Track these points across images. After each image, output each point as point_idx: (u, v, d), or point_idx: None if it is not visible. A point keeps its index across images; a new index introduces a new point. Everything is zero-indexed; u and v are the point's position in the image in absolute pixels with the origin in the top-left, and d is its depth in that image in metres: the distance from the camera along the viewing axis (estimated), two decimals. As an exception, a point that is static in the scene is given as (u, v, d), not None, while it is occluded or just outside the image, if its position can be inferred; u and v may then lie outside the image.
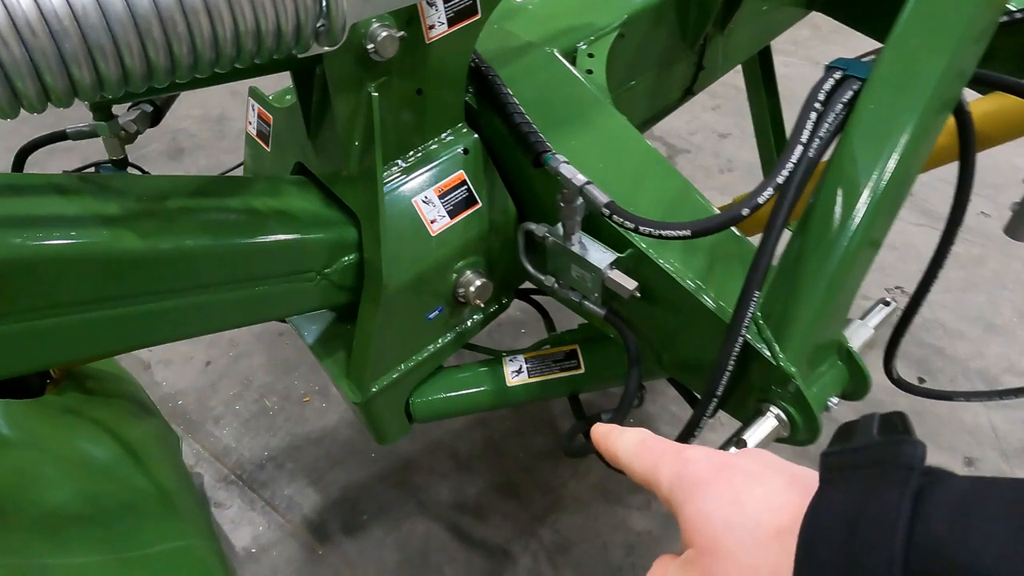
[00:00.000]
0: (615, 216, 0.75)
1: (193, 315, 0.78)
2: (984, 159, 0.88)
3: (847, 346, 0.83)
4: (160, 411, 1.39)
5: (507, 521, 1.45)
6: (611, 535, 1.43)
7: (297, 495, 1.49)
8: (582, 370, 1.09)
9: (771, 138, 1.81)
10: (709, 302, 0.82)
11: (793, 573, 0.27)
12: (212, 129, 2.68)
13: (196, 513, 1.11)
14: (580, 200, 0.82)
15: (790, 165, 0.71)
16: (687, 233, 0.71)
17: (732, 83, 1.82)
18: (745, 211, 0.69)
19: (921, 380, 1.79)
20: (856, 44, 1.03)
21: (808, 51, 3.06)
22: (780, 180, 0.70)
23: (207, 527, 1.11)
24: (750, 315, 0.75)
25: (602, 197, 0.77)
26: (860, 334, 0.89)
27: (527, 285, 1.12)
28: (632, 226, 0.74)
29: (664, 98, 1.32)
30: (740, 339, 0.76)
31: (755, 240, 0.92)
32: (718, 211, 0.91)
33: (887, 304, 0.94)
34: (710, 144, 2.65)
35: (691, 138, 2.67)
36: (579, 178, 0.79)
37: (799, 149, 0.72)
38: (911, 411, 0.56)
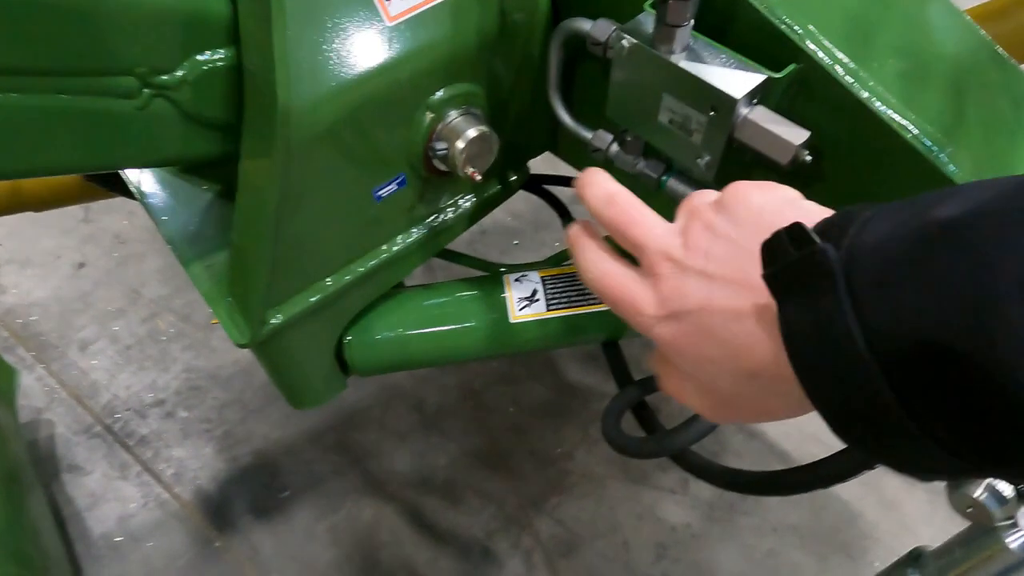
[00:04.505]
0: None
1: None
2: None
3: None
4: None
5: (489, 506, 1.11)
6: (634, 530, 1.08)
7: (191, 458, 1.12)
8: (636, 302, 0.67)
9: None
10: (957, 176, 0.42)
11: (799, 382, 0.30)
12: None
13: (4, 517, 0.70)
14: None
15: None
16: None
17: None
18: None
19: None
20: None
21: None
22: None
23: (18, 539, 0.70)
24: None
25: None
26: None
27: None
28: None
29: None
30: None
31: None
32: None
33: None
34: None
35: None
36: None
37: None
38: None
